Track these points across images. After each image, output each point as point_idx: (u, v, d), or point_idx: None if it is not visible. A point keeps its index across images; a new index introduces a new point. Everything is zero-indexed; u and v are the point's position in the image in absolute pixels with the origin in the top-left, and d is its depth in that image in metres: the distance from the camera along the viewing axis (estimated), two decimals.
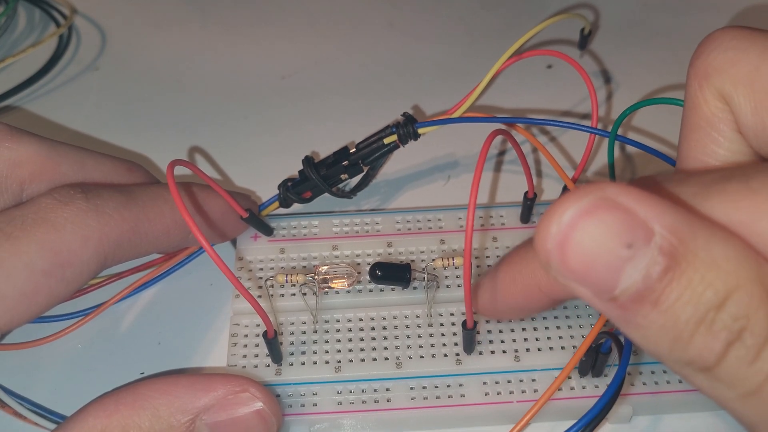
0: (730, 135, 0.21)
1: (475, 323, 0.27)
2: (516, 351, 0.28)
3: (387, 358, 0.28)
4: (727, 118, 0.21)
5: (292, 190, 0.32)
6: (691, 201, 0.17)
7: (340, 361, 0.28)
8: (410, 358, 0.28)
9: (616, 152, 0.37)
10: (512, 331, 0.29)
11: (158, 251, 0.31)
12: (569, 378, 0.27)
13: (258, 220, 0.31)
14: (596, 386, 0.27)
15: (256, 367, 0.28)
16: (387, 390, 0.27)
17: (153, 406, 0.23)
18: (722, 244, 0.16)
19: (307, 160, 0.32)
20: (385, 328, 0.29)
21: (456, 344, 0.28)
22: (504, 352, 0.28)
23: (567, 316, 0.29)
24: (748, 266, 0.16)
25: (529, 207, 0.32)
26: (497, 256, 0.31)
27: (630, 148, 0.37)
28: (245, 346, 0.29)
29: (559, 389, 0.27)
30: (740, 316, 0.16)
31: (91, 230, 0.25)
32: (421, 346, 0.28)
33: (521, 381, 0.28)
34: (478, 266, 0.31)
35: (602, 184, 0.16)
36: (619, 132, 0.36)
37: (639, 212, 0.16)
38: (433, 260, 0.29)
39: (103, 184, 0.29)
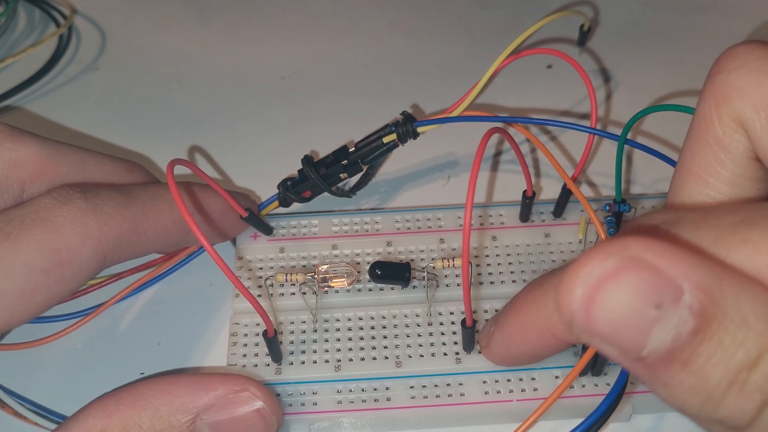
0: (739, 159, 0.21)
1: (475, 322, 0.27)
2: None
3: (387, 357, 0.28)
4: (739, 142, 0.21)
5: (292, 190, 0.32)
6: (711, 249, 0.17)
7: (340, 360, 0.28)
8: (410, 357, 0.28)
9: (613, 151, 0.37)
10: None
11: (157, 251, 0.31)
12: (576, 377, 0.27)
13: (258, 220, 0.31)
14: (596, 385, 0.27)
15: (256, 366, 0.28)
16: (387, 389, 0.27)
17: (153, 405, 0.23)
18: (752, 300, 0.16)
19: (307, 160, 0.32)
20: (384, 327, 0.29)
21: (456, 343, 0.28)
22: None
23: None
24: None
25: (528, 206, 0.32)
26: (497, 255, 0.31)
27: (628, 148, 0.37)
28: (245, 345, 0.29)
29: (569, 386, 0.27)
30: None
31: (90, 229, 0.25)
32: (420, 345, 0.28)
33: (521, 380, 0.28)
34: (477, 265, 0.31)
35: (627, 241, 0.16)
36: (618, 132, 0.36)
37: (667, 270, 0.15)
38: (433, 260, 0.29)
39: (103, 184, 0.29)
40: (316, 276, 0.29)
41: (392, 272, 0.30)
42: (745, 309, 0.16)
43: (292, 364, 0.28)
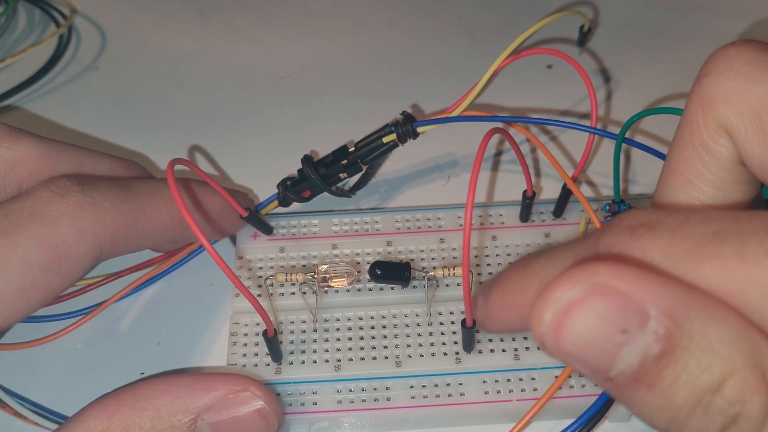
0: (724, 163, 0.21)
1: (475, 322, 0.27)
2: (515, 350, 0.28)
3: (387, 357, 0.28)
4: (724, 147, 0.21)
5: (291, 189, 0.32)
6: (682, 259, 0.17)
7: (339, 360, 0.28)
8: (410, 356, 0.28)
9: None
10: None
11: (154, 247, 0.31)
12: (569, 377, 0.27)
13: (258, 219, 0.31)
14: (595, 385, 0.27)
15: (256, 366, 0.28)
16: (387, 389, 0.27)
17: (154, 406, 0.23)
18: (718, 325, 0.16)
19: (306, 159, 0.32)
20: (384, 327, 0.29)
21: (455, 343, 0.28)
22: (503, 350, 0.28)
23: None
24: (743, 349, 0.16)
25: (528, 206, 0.32)
26: (497, 255, 0.31)
27: (627, 147, 0.37)
28: (245, 345, 0.29)
29: (559, 388, 0.27)
30: (736, 401, 0.16)
31: (88, 223, 0.25)
32: (420, 345, 0.28)
33: (521, 380, 0.28)
34: (477, 265, 0.31)
35: (595, 267, 0.16)
36: (618, 132, 0.36)
37: (633, 296, 0.16)
38: (434, 268, 0.29)
39: (101, 177, 0.29)
40: (316, 276, 0.29)
41: (392, 272, 0.30)
42: (710, 333, 0.16)
43: (292, 363, 0.28)
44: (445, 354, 0.28)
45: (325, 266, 0.30)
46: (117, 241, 0.26)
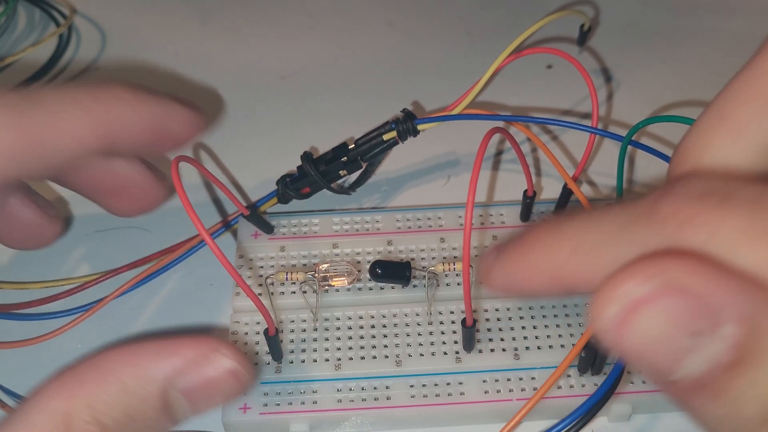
0: None
1: (475, 321, 0.27)
2: (516, 349, 0.28)
3: (387, 356, 0.28)
4: None
5: (291, 186, 0.32)
6: (765, 243, 0.15)
7: (340, 359, 0.28)
8: (410, 356, 0.28)
9: (614, 151, 0.37)
10: (512, 329, 0.29)
11: (74, 160, 0.27)
12: (568, 376, 0.27)
13: (259, 218, 0.31)
14: (596, 384, 0.27)
15: (257, 364, 0.28)
16: (387, 388, 0.27)
17: (119, 379, 0.20)
18: None
19: (306, 156, 0.32)
20: (385, 326, 0.29)
21: (456, 342, 0.28)
22: (504, 350, 0.28)
23: (567, 315, 0.29)
24: None
25: (528, 205, 0.32)
26: None
27: (629, 147, 0.37)
28: (245, 344, 0.29)
29: (559, 387, 0.27)
30: None
31: None
32: (421, 344, 0.28)
33: (521, 379, 0.28)
34: (478, 264, 0.31)
35: (668, 261, 0.15)
36: (619, 132, 0.36)
37: (709, 298, 0.15)
38: (434, 266, 0.29)
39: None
40: (316, 275, 0.29)
41: (393, 271, 0.30)
42: None
43: (292, 362, 0.28)
44: (446, 353, 0.28)
45: (326, 265, 0.30)
46: (19, 160, 0.23)
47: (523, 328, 0.29)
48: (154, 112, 0.27)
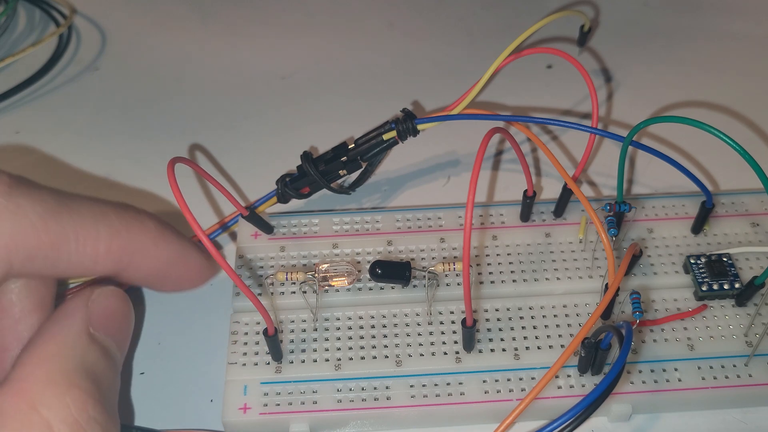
0: None
1: (475, 321, 0.27)
2: (516, 349, 0.28)
3: (387, 356, 0.28)
4: None
5: (291, 186, 0.32)
6: None
7: (340, 359, 0.28)
8: (410, 356, 0.28)
9: (614, 151, 0.37)
10: (512, 329, 0.29)
11: (80, 276, 0.28)
12: (568, 376, 0.27)
13: (258, 218, 0.31)
14: (596, 384, 0.27)
15: (257, 364, 0.28)
16: (387, 388, 0.27)
17: (54, 343, 0.23)
18: None
19: (306, 156, 0.32)
20: (385, 326, 0.29)
21: (456, 342, 0.28)
22: (504, 350, 0.28)
23: (567, 315, 0.29)
24: None
25: (528, 205, 0.32)
26: (497, 255, 0.31)
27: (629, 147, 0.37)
28: (245, 344, 0.29)
29: (558, 387, 0.27)
30: None
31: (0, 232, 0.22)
32: (421, 344, 0.28)
33: (521, 379, 0.28)
34: (478, 264, 0.31)
35: None
36: (619, 132, 0.36)
37: None
38: (434, 266, 0.29)
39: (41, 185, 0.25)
40: (316, 275, 0.29)
41: (393, 271, 0.30)
42: None
43: (292, 362, 0.28)
44: (446, 353, 0.28)
45: (326, 265, 0.30)
46: (34, 260, 0.23)
47: (523, 328, 0.29)
48: (172, 251, 0.27)
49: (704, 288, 0.30)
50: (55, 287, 0.27)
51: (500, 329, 0.29)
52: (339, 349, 0.28)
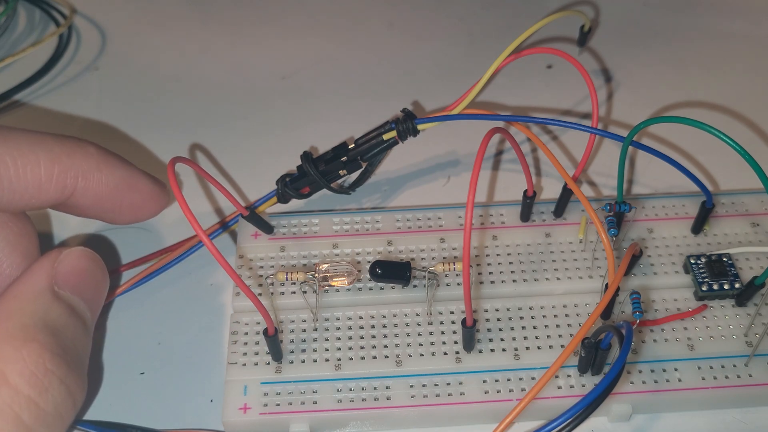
0: None
1: (475, 321, 0.27)
2: (516, 349, 0.28)
3: (387, 356, 0.28)
4: None
5: (291, 186, 0.32)
6: None
7: (340, 359, 0.28)
8: (410, 356, 0.28)
9: (614, 151, 0.37)
10: (512, 329, 0.29)
11: (32, 207, 0.27)
12: (568, 376, 0.27)
13: (258, 218, 0.31)
14: (596, 384, 0.27)
15: (257, 364, 0.28)
16: (387, 388, 0.27)
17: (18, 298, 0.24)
18: None
19: (306, 156, 0.32)
20: (385, 326, 0.29)
21: (456, 342, 0.28)
22: (504, 350, 0.28)
23: (567, 315, 0.29)
24: None
25: (528, 205, 0.32)
26: (497, 255, 0.31)
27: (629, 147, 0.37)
28: (245, 344, 0.29)
29: (559, 387, 0.27)
30: None
31: None
32: (421, 344, 0.28)
33: (521, 379, 0.28)
34: (478, 264, 0.31)
35: None
36: (619, 132, 0.36)
37: None
38: (434, 266, 0.29)
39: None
40: (316, 275, 0.29)
41: (393, 271, 0.30)
42: None
43: (292, 362, 0.28)
44: (446, 353, 0.28)
45: (326, 265, 0.30)
46: None
47: (523, 328, 0.29)
48: (118, 177, 0.28)
49: (704, 288, 0.30)
50: (35, 238, 0.27)
51: (500, 329, 0.29)
52: (339, 349, 0.28)
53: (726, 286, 0.29)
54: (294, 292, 0.30)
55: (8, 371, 0.22)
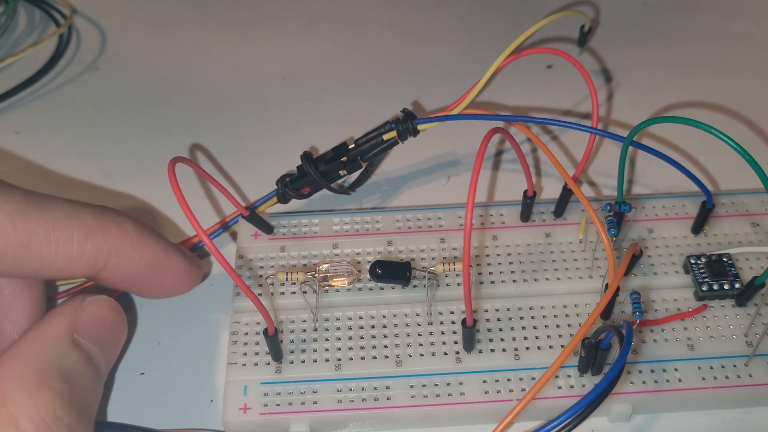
0: None
1: (475, 321, 0.27)
2: (516, 349, 0.28)
3: (387, 357, 0.28)
4: None
5: (291, 186, 0.32)
6: None
7: (340, 359, 0.28)
8: (410, 356, 0.28)
9: (614, 151, 0.37)
10: (512, 329, 0.29)
11: (56, 278, 0.26)
12: (568, 376, 0.27)
13: (258, 218, 0.31)
14: (596, 384, 0.27)
15: (257, 364, 0.28)
16: (387, 388, 0.27)
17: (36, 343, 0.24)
18: None
19: (306, 156, 0.32)
20: (385, 327, 0.29)
21: (456, 342, 0.28)
22: (504, 350, 0.28)
23: (567, 315, 0.29)
24: None
25: (528, 205, 0.32)
26: (497, 255, 0.31)
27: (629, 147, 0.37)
28: (245, 344, 0.29)
29: (559, 388, 0.27)
30: None
31: None
32: (421, 345, 0.28)
33: (521, 379, 0.28)
34: (478, 264, 0.31)
35: None
36: (619, 132, 0.36)
37: None
38: (434, 266, 0.29)
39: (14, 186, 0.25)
40: (316, 275, 0.29)
41: (393, 271, 0.30)
42: None
43: (292, 362, 0.28)
44: (446, 353, 0.28)
45: (326, 265, 0.30)
46: (3, 258, 0.23)
47: (523, 328, 0.29)
48: (152, 255, 0.27)
49: (704, 288, 0.30)
50: (42, 290, 0.27)
51: (500, 329, 0.29)
52: (339, 349, 0.28)
53: (726, 286, 0.29)
54: (294, 292, 0.30)
55: (19, 415, 0.22)
